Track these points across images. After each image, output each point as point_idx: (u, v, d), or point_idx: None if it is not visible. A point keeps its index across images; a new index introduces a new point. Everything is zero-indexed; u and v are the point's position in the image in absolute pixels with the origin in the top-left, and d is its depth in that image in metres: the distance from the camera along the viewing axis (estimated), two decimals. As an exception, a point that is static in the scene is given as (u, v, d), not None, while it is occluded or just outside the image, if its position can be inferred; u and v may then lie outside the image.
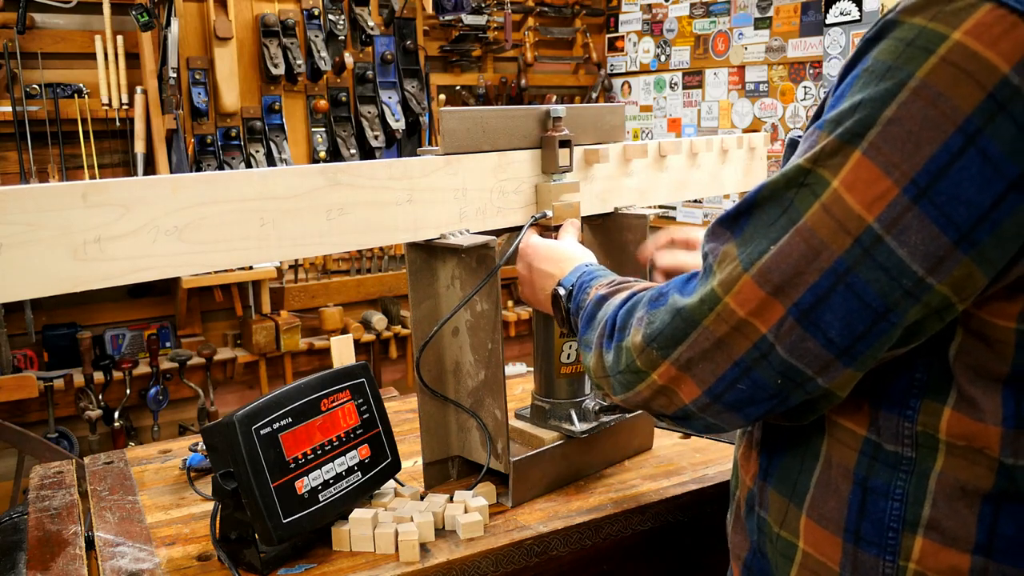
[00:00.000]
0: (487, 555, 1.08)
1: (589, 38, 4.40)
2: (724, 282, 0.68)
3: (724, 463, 1.33)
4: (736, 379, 0.69)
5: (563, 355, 1.25)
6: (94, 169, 3.18)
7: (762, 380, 0.68)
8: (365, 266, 3.78)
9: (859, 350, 0.65)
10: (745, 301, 0.66)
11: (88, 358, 3.11)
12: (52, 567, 1.07)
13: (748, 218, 0.69)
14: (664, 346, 0.72)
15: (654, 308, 0.75)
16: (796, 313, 0.64)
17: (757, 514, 0.81)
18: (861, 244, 0.62)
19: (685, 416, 0.76)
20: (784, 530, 0.77)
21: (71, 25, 3.23)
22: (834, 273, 0.63)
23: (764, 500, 0.80)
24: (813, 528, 0.74)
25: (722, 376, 0.69)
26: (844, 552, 0.72)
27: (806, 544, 0.75)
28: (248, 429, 1.02)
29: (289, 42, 3.49)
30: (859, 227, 0.62)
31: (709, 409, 0.73)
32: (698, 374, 0.71)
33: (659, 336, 0.73)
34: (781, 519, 0.78)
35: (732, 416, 0.73)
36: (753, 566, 0.83)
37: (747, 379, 0.68)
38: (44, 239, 0.87)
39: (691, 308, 0.70)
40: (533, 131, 1.26)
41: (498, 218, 1.24)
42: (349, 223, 1.08)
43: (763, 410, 0.71)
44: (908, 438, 0.70)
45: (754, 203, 0.69)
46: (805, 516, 0.75)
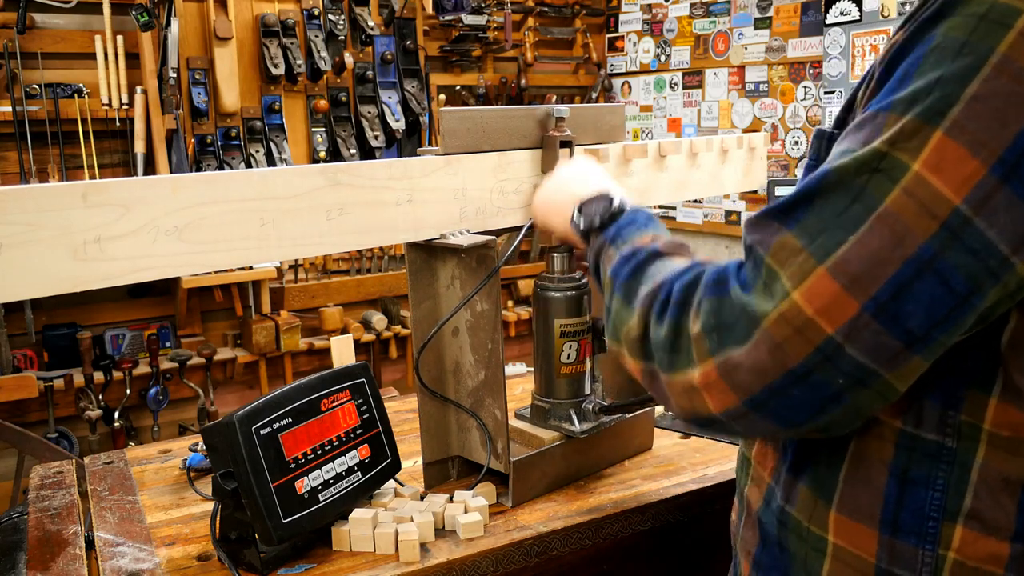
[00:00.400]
0: (487, 555, 1.08)
1: (589, 38, 4.40)
2: (794, 276, 0.63)
3: (724, 463, 1.33)
4: (787, 387, 0.64)
5: (563, 355, 1.26)
6: (94, 169, 3.18)
7: (821, 383, 0.63)
8: (365, 266, 3.78)
9: (934, 336, 0.62)
10: (815, 296, 0.62)
11: (88, 358, 3.11)
12: (52, 567, 1.07)
13: (808, 208, 0.64)
14: (722, 344, 0.67)
15: (714, 295, 0.69)
16: (873, 308, 0.61)
17: (781, 508, 0.79)
18: (949, 228, 0.59)
19: (708, 424, 0.72)
20: (813, 525, 0.76)
21: (71, 25, 3.23)
22: (919, 260, 0.60)
23: (792, 496, 0.78)
24: (844, 523, 0.74)
25: (770, 384, 0.65)
26: (880, 544, 0.71)
27: (837, 538, 0.74)
28: (248, 429, 1.02)
29: (289, 42, 3.49)
30: (947, 210, 0.59)
31: (745, 418, 0.68)
32: (742, 383, 0.66)
33: (716, 326, 0.67)
34: (810, 514, 0.76)
35: (768, 425, 0.68)
36: (762, 561, 0.82)
37: (803, 385, 0.64)
38: (44, 239, 0.87)
39: (758, 306, 0.65)
40: (533, 131, 1.26)
41: (498, 218, 1.24)
42: (349, 223, 1.08)
43: (808, 415, 0.66)
44: (951, 428, 0.69)
45: (817, 191, 0.64)
46: (835, 512, 0.74)
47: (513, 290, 4.17)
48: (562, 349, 1.25)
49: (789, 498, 0.79)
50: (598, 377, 1.31)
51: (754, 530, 0.84)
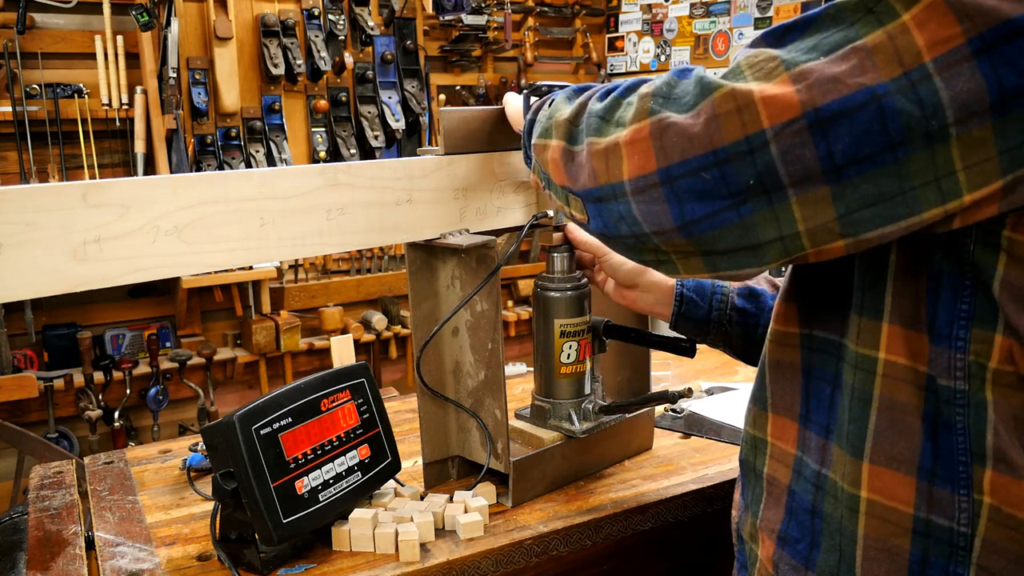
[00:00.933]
0: (487, 555, 1.08)
1: (589, 38, 4.40)
2: (758, 73, 0.65)
3: (724, 463, 1.33)
4: (703, 167, 0.65)
5: (563, 355, 1.26)
6: (94, 169, 3.18)
7: (733, 175, 0.64)
8: (365, 266, 3.78)
9: (849, 174, 0.63)
10: (768, 90, 0.63)
11: (88, 358, 3.11)
12: (52, 567, 1.07)
13: (799, 34, 0.66)
14: (665, 106, 0.68)
15: (675, 75, 0.70)
16: (812, 118, 0.62)
17: (817, 473, 0.79)
18: (909, 77, 0.61)
19: (614, 194, 0.72)
20: (847, 483, 0.76)
21: (71, 25, 3.24)
22: (871, 92, 0.61)
23: (827, 458, 0.78)
24: (880, 473, 0.73)
25: (689, 159, 0.66)
26: (918, 492, 0.71)
27: (871, 492, 0.74)
28: (248, 429, 1.02)
29: (289, 42, 3.49)
30: (914, 62, 0.61)
31: (645, 193, 0.69)
32: (666, 147, 0.67)
33: (668, 94, 0.69)
34: (843, 472, 0.76)
35: (660, 212, 0.68)
36: (790, 534, 0.82)
37: (717, 170, 0.65)
38: (44, 239, 0.87)
39: (713, 81, 0.66)
40: (533, 131, 1.26)
41: (498, 218, 1.24)
42: (349, 223, 1.08)
43: (704, 212, 0.67)
44: (960, 370, 0.69)
45: (812, 21, 0.66)
46: (868, 463, 0.74)
47: (513, 290, 4.17)
48: (562, 349, 1.25)
49: (824, 461, 0.78)
50: (598, 377, 1.31)
51: (779, 507, 0.84)
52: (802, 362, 0.82)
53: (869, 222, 0.64)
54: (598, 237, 0.81)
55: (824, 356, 0.80)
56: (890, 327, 0.72)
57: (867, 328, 0.74)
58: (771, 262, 0.69)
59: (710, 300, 1.19)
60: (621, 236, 0.75)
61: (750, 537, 0.88)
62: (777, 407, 0.85)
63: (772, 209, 0.65)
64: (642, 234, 0.72)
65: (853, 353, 0.75)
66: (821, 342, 0.80)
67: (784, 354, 0.84)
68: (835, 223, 0.65)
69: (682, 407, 1.56)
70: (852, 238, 0.65)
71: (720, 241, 0.68)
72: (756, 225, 0.66)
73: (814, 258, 0.68)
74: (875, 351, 0.73)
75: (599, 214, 0.76)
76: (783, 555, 0.82)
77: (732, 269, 0.71)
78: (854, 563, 0.75)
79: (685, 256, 0.72)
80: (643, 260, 0.77)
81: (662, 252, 0.73)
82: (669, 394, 1.18)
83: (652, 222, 0.70)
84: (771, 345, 0.86)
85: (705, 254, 0.70)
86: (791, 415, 0.83)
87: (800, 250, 0.67)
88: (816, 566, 0.79)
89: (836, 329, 0.78)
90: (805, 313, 0.82)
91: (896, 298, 0.72)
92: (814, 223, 0.65)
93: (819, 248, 0.67)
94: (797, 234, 0.66)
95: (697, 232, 0.68)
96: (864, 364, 0.74)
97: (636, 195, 0.70)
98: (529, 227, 1.25)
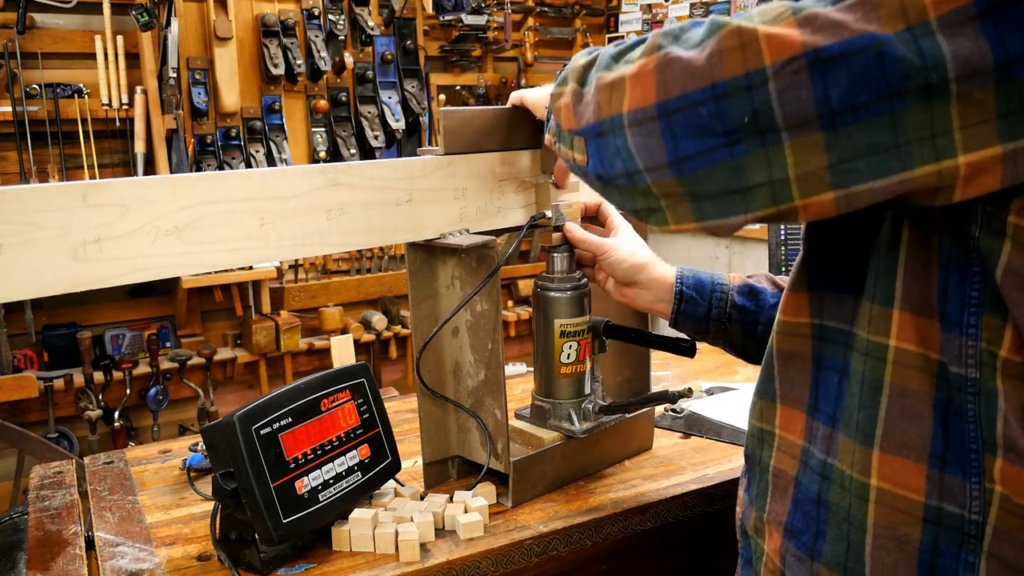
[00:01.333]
0: (487, 555, 1.08)
1: (589, 38, 4.40)
2: (767, 19, 0.65)
3: (724, 463, 1.33)
4: (702, 101, 0.65)
5: (563, 355, 1.26)
6: (94, 169, 3.18)
7: (728, 112, 0.64)
8: (365, 266, 3.78)
9: (844, 121, 0.62)
10: (773, 30, 0.63)
11: (88, 358, 3.11)
12: (52, 567, 1.07)
13: None
14: (674, 45, 0.68)
15: (692, 24, 0.70)
16: (812, 57, 0.62)
17: (823, 462, 0.79)
18: (912, 32, 0.61)
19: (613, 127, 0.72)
20: (855, 471, 0.75)
21: (71, 25, 3.24)
22: (873, 39, 0.61)
23: (833, 447, 0.78)
24: (890, 461, 0.73)
25: (690, 93, 0.66)
26: (929, 479, 0.71)
27: (880, 480, 0.73)
28: (248, 429, 1.02)
29: (289, 42, 3.49)
30: (918, 18, 0.61)
31: (642, 126, 0.69)
32: (668, 80, 0.67)
33: (679, 35, 0.69)
34: (851, 460, 0.75)
35: (653, 146, 0.69)
36: (795, 525, 0.81)
37: (714, 105, 0.65)
38: (44, 239, 0.87)
39: (722, 19, 0.67)
40: (533, 131, 1.26)
41: (498, 218, 1.24)
42: (349, 223, 1.08)
43: (697, 148, 0.66)
44: (972, 358, 0.69)
45: None
46: (878, 451, 0.73)
47: (513, 290, 4.17)
48: (562, 349, 1.25)
49: (830, 450, 0.78)
50: (598, 377, 1.31)
51: (785, 499, 0.83)
52: (812, 352, 0.82)
53: (860, 174, 0.64)
54: (595, 182, 0.81)
55: (834, 346, 0.79)
56: (901, 314, 0.72)
57: (878, 315, 0.73)
58: (758, 210, 0.68)
59: (709, 298, 1.18)
60: (615, 176, 0.75)
61: (755, 531, 0.88)
62: (786, 398, 0.85)
63: (765, 151, 0.65)
64: (635, 171, 0.72)
65: (864, 341, 0.75)
66: (832, 331, 0.80)
67: (794, 345, 0.84)
68: (826, 172, 0.64)
69: (682, 407, 1.56)
70: (842, 190, 0.65)
71: (710, 181, 0.68)
72: (747, 167, 0.66)
73: (803, 214, 0.68)
74: (886, 338, 0.73)
75: (598, 151, 0.76)
76: (789, 547, 0.82)
77: (720, 217, 0.70)
78: (863, 552, 0.75)
79: (674, 202, 0.72)
80: (635, 208, 0.77)
81: (652, 197, 0.73)
82: (669, 394, 1.18)
83: (646, 156, 0.70)
84: (779, 337, 0.85)
85: (694, 198, 0.70)
86: (800, 406, 0.82)
87: (788, 199, 0.66)
88: (822, 556, 0.78)
89: (847, 318, 0.78)
90: (816, 302, 0.82)
91: (907, 284, 0.72)
92: (805, 169, 0.65)
93: (807, 200, 0.66)
94: (787, 180, 0.65)
95: (689, 169, 0.68)
96: (875, 351, 0.74)
97: (632, 127, 0.70)
98: (529, 227, 1.25)
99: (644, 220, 0.77)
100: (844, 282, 0.78)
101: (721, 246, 4.02)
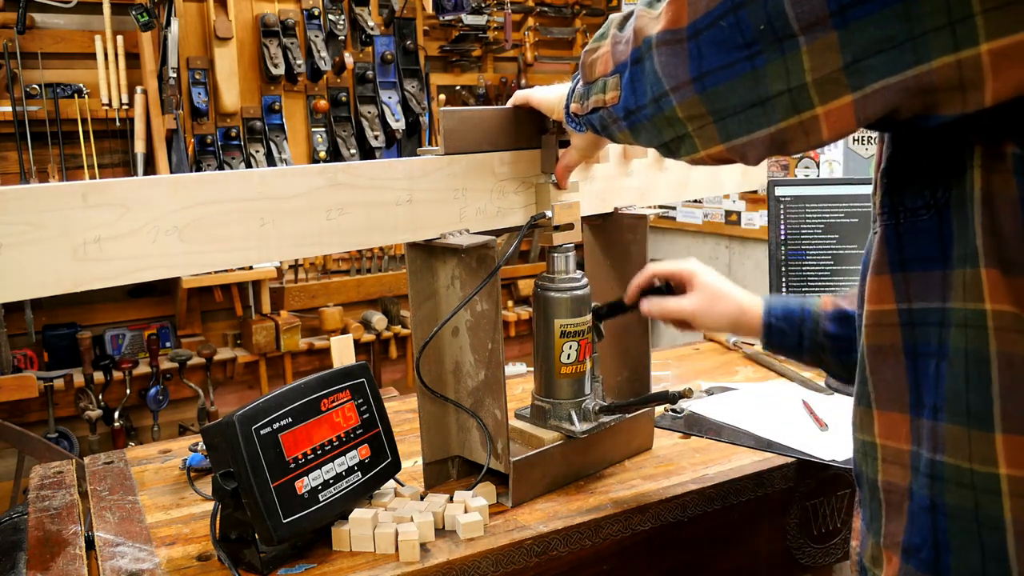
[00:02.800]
0: (487, 555, 1.08)
1: (589, 38, 4.40)
2: None
3: (724, 463, 1.33)
4: (723, 15, 0.66)
5: (563, 355, 1.26)
6: (94, 169, 3.18)
7: (746, 21, 0.65)
8: (365, 266, 3.78)
9: (856, 15, 0.61)
10: None
11: (88, 358, 3.11)
12: (52, 567, 1.07)
13: None
14: None
15: None
16: None
17: (931, 461, 0.70)
18: None
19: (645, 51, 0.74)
20: (976, 463, 0.66)
21: (71, 25, 3.24)
22: None
23: (938, 443, 0.69)
24: (1019, 443, 0.64)
25: (713, 9, 0.67)
26: None
27: (1011, 467, 0.64)
28: (248, 429, 1.02)
29: (289, 42, 3.49)
30: None
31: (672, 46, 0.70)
32: (696, 1, 0.68)
33: None
34: (968, 452, 0.67)
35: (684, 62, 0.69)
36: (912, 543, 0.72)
37: (733, 17, 0.65)
38: (44, 239, 0.87)
39: None
40: (533, 131, 1.26)
41: (498, 218, 1.24)
42: (349, 223, 1.08)
43: (719, 63, 0.67)
44: None
45: None
46: (1001, 434, 0.65)
47: (513, 290, 4.17)
48: (562, 349, 1.25)
49: (936, 446, 0.69)
50: (598, 377, 1.31)
51: (901, 517, 0.73)
52: (904, 343, 0.73)
53: (875, 71, 0.61)
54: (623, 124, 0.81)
55: (926, 328, 0.71)
56: (989, 272, 0.65)
57: (971, 280, 0.66)
58: (780, 121, 0.67)
59: (800, 328, 1.17)
60: (645, 104, 0.76)
61: (872, 562, 0.78)
62: (881, 401, 0.76)
63: (783, 58, 0.64)
64: (662, 94, 0.72)
65: (961, 312, 0.67)
66: (921, 314, 0.72)
67: (883, 337, 0.75)
68: (841, 73, 0.63)
69: (682, 407, 1.56)
70: (859, 92, 0.63)
71: (731, 96, 0.68)
72: (766, 76, 0.66)
73: (824, 124, 0.66)
74: (982, 303, 0.66)
75: (631, 80, 0.76)
76: (908, 569, 0.72)
77: (744, 134, 0.70)
78: (1005, 556, 0.65)
79: (699, 125, 0.72)
80: (663, 141, 0.77)
81: (679, 123, 0.73)
82: (669, 394, 1.18)
83: (670, 75, 0.71)
84: (868, 330, 0.77)
85: (717, 116, 0.70)
86: (899, 407, 0.74)
87: (808, 105, 0.65)
88: (952, 572, 0.68)
89: (937, 294, 0.70)
90: (901, 284, 0.74)
91: (985, 236, 0.65)
92: (821, 73, 0.63)
93: (827, 105, 0.65)
94: (804, 85, 0.64)
95: (711, 84, 0.68)
96: (974, 320, 0.66)
97: (660, 47, 0.71)
98: (529, 227, 1.25)
99: (674, 152, 0.78)
100: (928, 254, 0.71)
101: (721, 246, 4.02)
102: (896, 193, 0.74)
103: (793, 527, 1.36)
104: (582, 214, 1.30)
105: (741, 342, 1.94)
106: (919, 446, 0.72)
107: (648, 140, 0.81)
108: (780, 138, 0.69)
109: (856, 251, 1.97)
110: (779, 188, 2.06)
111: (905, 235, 0.73)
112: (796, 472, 1.33)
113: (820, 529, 1.39)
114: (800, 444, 1.37)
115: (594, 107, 0.88)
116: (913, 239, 0.72)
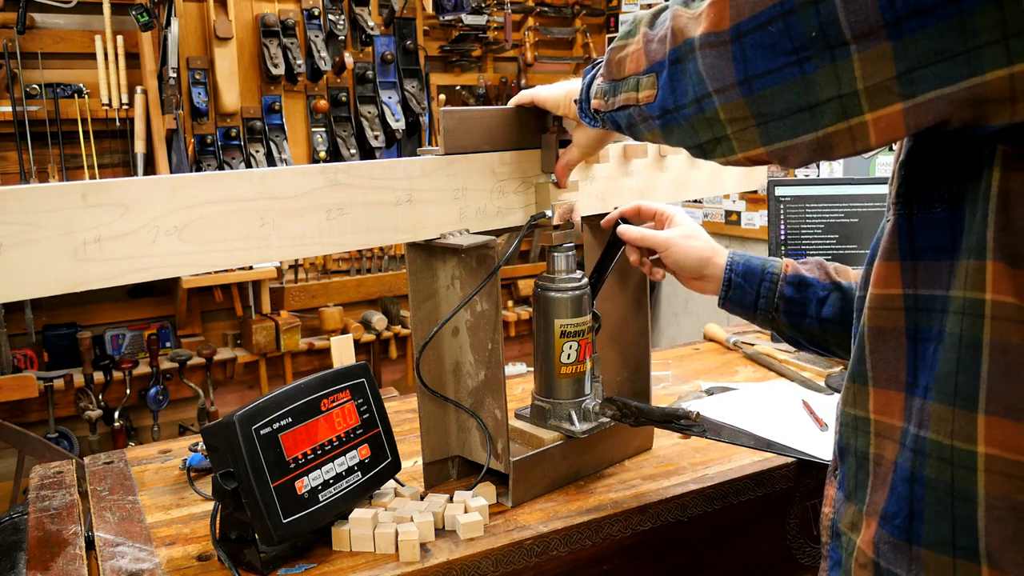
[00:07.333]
0: (487, 555, 1.08)
1: (589, 38, 4.40)
2: None
3: (724, 463, 1.33)
4: (771, 20, 0.66)
5: (563, 355, 1.26)
6: (94, 169, 3.19)
7: (796, 28, 0.65)
8: (365, 266, 3.78)
9: (911, 27, 0.61)
10: None
11: (88, 358, 3.11)
12: (52, 567, 1.07)
13: None
14: None
15: None
16: None
17: (916, 436, 0.74)
18: None
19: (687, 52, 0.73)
20: (957, 440, 0.70)
21: (71, 25, 3.24)
22: None
23: (924, 419, 0.73)
24: (1000, 424, 0.68)
25: (760, 13, 0.66)
26: None
27: (988, 446, 0.68)
28: (248, 429, 1.02)
29: (289, 42, 3.49)
30: None
31: (716, 48, 0.70)
32: (740, 3, 0.68)
33: None
34: (950, 430, 0.70)
35: (729, 65, 0.69)
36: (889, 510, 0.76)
37: (782, 22, 0.65)
38: (44, 239, 0.87)
39: None
40: (533, 131, 1.26)
41: (498, 218, 1.24)
42: (349, 223, 1.08)
43: (767, 67, 0.67)
44: None
45: None
46: (984, 415, 0.68)
47: (513, 290, 4.17)
48: (562, 349, 1.25)
49: (921, 422, 0.73)
50: (598, 377, 1.31)
51: (884, 486, 0.77)
52: (907, 326, 0.76)
53: (928, 81, 0.62)
54: (657, 121, 0.81)
55: (929, 314, 0.74)
56: (994, 265, 0.68)
57: (974, 269, 0.69)
58: (828, 126, 0.68)
59: (758, 287, 1.20)
60: (685, 104, 0.75)
61: (850, 527, 0.82)
62: (879, 379, 0.79)
63: (833, 65, 0.64)
64: (705, 95, 0.72)
65: (960, 300, 0.70)
66: (926, 300, 0.75)
67: (887, 320, 0.78)
68: (894, 82, 0.63)
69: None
70: (911, 100, 0.63)
71: (778, 100, 0.68)
72: (816, 83, 0.66)
73: (873, 131, 0.66)
74: (982, 293, 0.69)
75: (671, 79, 0.76)
76: (883, 534, 0.76)
77: (788, 137, 0.70)
78: (974, 527, 0.69)
79: (741, 127, 0.72)
80: (698, 142, 0.77)
81: (719, 124, 0.73)
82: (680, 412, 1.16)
83: (715, 77, 0.71)
84: (871, 312, 0.80)
85: (761, 120, 0.70)
86: (895, 386, 0.77)
87: (858, 112, 0.65)
88: (922, 539, 0.72)
89: (943, 282, 0.73)
90: (909, 272, 0.77)
91: (997, 230, 0.68)
92: (873, 81, 0.64)
93: (877, 112, 0.65)
94: (856, 93, 0.65)
95: (758, 88, 0.68)
96: (972, 308, 0.69)
97: (704, 48, 0.71)
98: (529, 227, 1.25)
99: (708, 154, 0.77)
100: (940, 245, 0.74)
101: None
102: (912, 185, 0.76)
103: (793, 527, 1.36)
104: (582, 214, 1.30)
105: (741, 342, 1.94)
106: (909, 422, 0.75)
107: (680, 140, 0.81)
108: (826, 143, 0.69)
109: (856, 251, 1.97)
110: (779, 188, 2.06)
111: (918, 225, 0.76)
112: (796, 472, 1.33)
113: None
114: (800, 444, 1.38)
115: (623, 104, 0.87)
116: (926, 230, 0.75)
